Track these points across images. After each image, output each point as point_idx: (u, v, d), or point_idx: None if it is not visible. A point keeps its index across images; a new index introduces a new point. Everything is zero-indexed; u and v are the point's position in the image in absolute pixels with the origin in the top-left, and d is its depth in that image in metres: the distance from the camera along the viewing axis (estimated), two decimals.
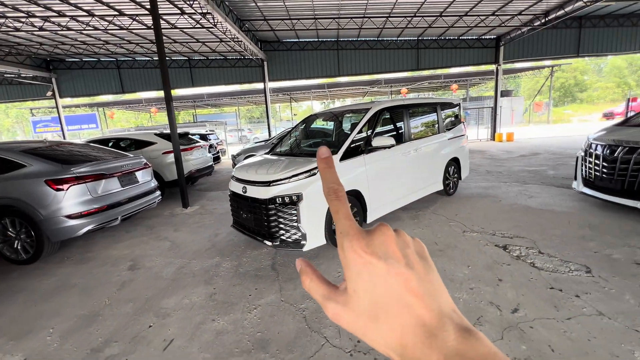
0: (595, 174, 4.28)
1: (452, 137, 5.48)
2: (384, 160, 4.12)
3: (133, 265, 3.70)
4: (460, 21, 11.71)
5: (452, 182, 5.54)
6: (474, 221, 4.27)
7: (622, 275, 2.71)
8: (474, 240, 3.65)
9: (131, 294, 3.05)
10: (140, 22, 9.27)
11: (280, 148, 4.80)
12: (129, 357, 2.20)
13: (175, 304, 2.81)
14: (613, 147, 4.05)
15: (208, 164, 8.15)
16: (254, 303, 2.74)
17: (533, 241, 3.51)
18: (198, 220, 5.33)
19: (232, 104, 31.53)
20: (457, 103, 5.87)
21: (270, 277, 3.19)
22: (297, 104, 41.61)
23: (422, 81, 23.49)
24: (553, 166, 7.62)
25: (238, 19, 10.77)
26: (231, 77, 14.93)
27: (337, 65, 14.40)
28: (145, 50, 13.00)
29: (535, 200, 4.99)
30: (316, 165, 3.33)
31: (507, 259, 3.15)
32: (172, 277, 3.32)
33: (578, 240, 3.46)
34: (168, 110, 5.78)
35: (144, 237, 4.64)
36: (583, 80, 43.63)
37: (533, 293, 2.56)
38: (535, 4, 10.38)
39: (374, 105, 4.28)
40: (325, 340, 2.22)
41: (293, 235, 3.33)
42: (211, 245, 4.12)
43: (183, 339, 2.34)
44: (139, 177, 4.89)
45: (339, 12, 10.93)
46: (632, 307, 2.30)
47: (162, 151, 6.80)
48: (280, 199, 3.29)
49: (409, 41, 14.13)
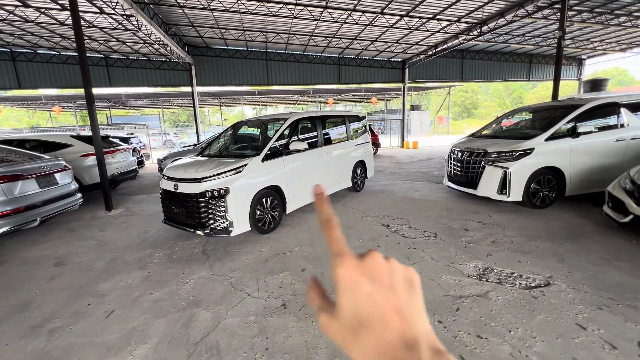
0: (453, 171, 5.88)
1: (359, 143, 6.70)
2: (300, 161, 4.99)
3: (59, 262, 3.81)
4: (372, 45, 13.64)
5: (359, 180, 6.74)
6: (371, 209, 5.44)
7: (454, 237, 4.03)
8: (368, 222, 4.75)
9: (63, 284, 3.26)
10: (50, 16, 8.57)
11: (210, 151, 5.32)
12: (72, 327, 2.55)
13: (111, 287, 3.16)
14: (463, 152, 5.66)
15: (132, 167, 8.00)
16: (187, 278, 3.27)
17: (408, 220, 4.77)
18: (125, 221, 5.44)
19: (155, 105, 29.48)
20: (363, 116, 7.15)
21: (201, 259, 3.73)
22: (227, 109, 40.73)
23: (346, 93, 25.72)
24: (439, 168, 9.61)
25: (164, 22, 10.69)
26: (155, 79, 14.37)
27: (267, 75, 15.11)
28: (53, 44, 11.75)
29: (418, 193, 6.48)
30: (243, 164, 4.04)
31: (387, 233, 4.29)
32: (104, 268, 3.60)
33: (436, 218, 4.83)
34: (90, 111, 5.74)
35: (65, 239, 4.63)
36: (476, 99, 52.72)
37: (397, 251, 3.67)
38: (427, 37, 12.83)
39: (291, 115, 5.14)
40: (246, 294, 2.92)
41: (222, 224, 3.93)
42: (142, 241, 4.42)
43: (123, 309, 2.77)
44: (58, 179, 4.84)
45: (267, 27, 11.72)
46: (452, 254, 3.55)
47: (80, 154, 6.56)
48: (209, 193, 3.87)
49: (332, 57, 15.69)
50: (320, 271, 3.27)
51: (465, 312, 2.47)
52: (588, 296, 2.59)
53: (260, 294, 2.90)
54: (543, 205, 4.93)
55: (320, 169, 5.48)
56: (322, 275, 3.18)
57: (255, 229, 4.23)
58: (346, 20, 10.71)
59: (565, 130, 4.93)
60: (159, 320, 2.57)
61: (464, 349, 2.09)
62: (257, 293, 2.92)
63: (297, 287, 2.99)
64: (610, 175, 4.75)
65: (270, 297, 2.84)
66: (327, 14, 10.25)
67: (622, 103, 5.05)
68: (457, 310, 2.49)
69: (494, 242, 3.80)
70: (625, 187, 3.68)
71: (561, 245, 3.58)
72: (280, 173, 4.61)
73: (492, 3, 9.93)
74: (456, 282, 2.93)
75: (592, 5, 10.37)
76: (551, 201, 4.95)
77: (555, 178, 4.89)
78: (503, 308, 2.49)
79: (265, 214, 4.38)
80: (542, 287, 2.76)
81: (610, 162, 4.93)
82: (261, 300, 2.81)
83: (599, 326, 2.22)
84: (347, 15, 10.36)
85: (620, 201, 3.65)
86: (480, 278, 2.98)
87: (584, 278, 2.87)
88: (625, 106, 5.05)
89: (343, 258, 0.29)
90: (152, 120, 32.72)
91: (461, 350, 2.08)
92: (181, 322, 2.53)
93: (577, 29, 12.78)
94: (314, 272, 3.26)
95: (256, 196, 4.21)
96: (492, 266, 3.19)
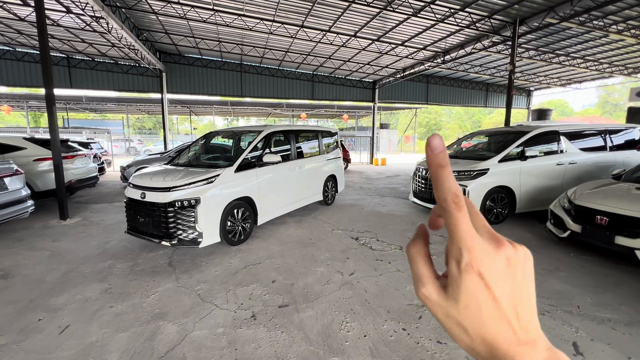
0: (418, 188, 6.23)
1: (331, 158, 6.90)
2: (273, 173, 5.05)
3: (5, 274, 3.49)
4: (345, 65, 14.24)
5: (330, 194, 6.90)
6: (341, 222, 5.58)
7: None
8: (337, 235, 4.88)
9: (9, 298, 3.00)
10: (9, 10, 8.03)
11: (180, 160, 5.21)
12: (20, 344, 2.36)
13: (66, 300, 2.96)
14: (426, 170, 6.03)
15: (91, 174, 7.54)
16: (152, 290, 3.16)
17: (376, 234, 4.96)
18: (82, 230, 5.11)
19: (119, 110, 28.07)
20: (335, 132, 7.40)
21: (167, 271, 3.61)
22: (197, 118, 39.70)
23: (320, 109, 26.29)
24: (405, 184, 10.08)
25: (136, 27, 10.42)
26: (122, 83, 13.80)
27: (240, 86, 15.12)
28: (8, 39, 10.93)
29: (385, 208, 6.75)
30: (215, 174, 4.01)
31: (356, 245, 4.44)
32: (58, 280, 3.36)
33: (402, 232, 5.08)
34: (49, 113, 5.40)
35: (12, 249, 4.25)
36: (440, 121, 56.22)
37: (365, 263, 3.81)
38: (396, 61, 13.68)
39: (265, 128, 5.22)
40: (215, 306, 2.88)
41: (191, 235, 3.85)
42: (101, 252, 4.18)
43: (80, 323, 2.61)
44: (7, 183, 4.47)
45: (243, 40, 11.84)
46: None
47: (34, 158, 6.10)
48: (179, 203, 3.79)
49: (306, 74, 16.10)
50: (290, 282, 3.31)
51: (427, 320, 2.64)
52: None
53: (230, 306, 2.88)
54: (497, 221, 5.37)
55: (293, 182, 5.56)
56: (292, 286, 3.22)
57: (225, 240, 4.18)
58: (321, 40, 11.15)
59: (516, 153, 5.48)
60: (121, 335, 2.45)
61: (426, 354, 2.23)
62: (227, 305, 2.89)
63: (267, 298, 3.00)
64: (553, 194, 5.34)
65: (239, 309, 2.82)
66: (303, 32, 10.62)
67: (562, 132, 5.74)
68: (420, 318, 2.65)
69: None
70: (564, 206, 4.16)
71: None
72: (253, 184, 4.63)
73: (453, 35, 10.88)
74: None
75: (537, 44, 11.73)
76: (504, 217, 5.41)
77: (507, 196, 5.38)
78: None
79: (236, 226, 4.35)
80: None
81: (553, 184, 5.54)
82: (230, 311, 2.78)
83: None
84: (322, 35, 10.80)
85: (560, 218, 4.11)
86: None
87: None
88: (564, 134, 5.73)
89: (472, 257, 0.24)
90: (115, 126, 31.00)
91: (423, 355, 2.22)
92: (145, 336, 2.44)
93: (526, 64, 14.31)
94: (285, 283, 3.30)
95: (227, 207, 4.19)
96: None
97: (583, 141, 5.92)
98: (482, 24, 9.56)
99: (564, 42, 11.38)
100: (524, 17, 9.08)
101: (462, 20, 9.37)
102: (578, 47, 11.88)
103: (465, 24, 9.51)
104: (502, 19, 9.27)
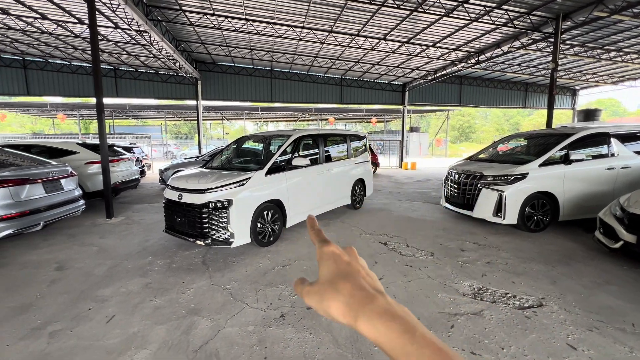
0: (450, 193, 6.02)
1: (359, 162, 6.86)
2: (302, 177, 5.12)
3: (60, 267, 3.84)
4: (373, 69, 14.14)
5: (358, 198, 6.85)
6: (370, 227, 5.52)
7: (450, 257, 4.11)
8: (365, 239, 4.83)
9: (64, 288, 3.30)
10: (66, 28, 8.93)
11: (213, 163, 5.45)
12: (72, 330, 2.58)
13: (112, 292, 3.20)
14: (460, 174, 5.81)
15: (134, 176, 8.10)
16: (187, 287, 3.32)
17: (405, 239, 4.85)
18: (125, 229, 5.49)
19: (158, 117, 29.91)
20: (364, 136, 7.36)
21: (201, 269, 3.78)
22: (229, 123, 41.28)
23: (348, 112, 26.27)
24: (436, 189, 9.76)
25: (174, 38, 11.11)
26: (162, 91, 14.74)
27: (270, 92, 15.53)
28: (65, 54, 12.13)
29: (416, 213, 6.58)
30: (247, 177, 4.16)
31: (384, 250, 4.37)
32: (105, 274, 3.63)
33: (433, 237, 4.92)
34: (99, 120, 5.91)
35: (65, 244, 4.67)
36: (474, 123, 53.86)
37: (394, 269, 3.74)
38: (427, 63, 13.35)
39: (295, 132, 5.32)
40: (246, 304, 2.96)
41: (223, 235, 4.00)
42: (142, 249, 4.46)
43: (124, 314, 2.81)
44: (63, 184, 4.93)
45: (273, 47, 12.19)
46: (448, 273, 3.63)
47: (85, 161, 6.68)
48: (213, 204, 3.97)
49: (334, 78, 16.19)
50: None
51: (459, 329, 2.53)
52: (579, 318, 2.66)
53: (260, 305, 2.95)
54: (537, 229, 5.04)
55: (321, 185, 5.60)
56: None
57: (255, 241, 4.30)
58: (350, 44, 11.18)
59: (559, 157, 5.12)
60: (159, 327, 2.60)
61: None
62: (256, 304, 2.97)
63: (295, 299, 3.04)
64: (602, 202, 4.91)
65: (269, 308, 2.88)
66: (332, 37, 10.72)
67: (613, 133, 5.28)
68: (452, 327, 2.55)
69: (489, 262, 3.88)
70: (616, 214, 3.81)
71: (554, 268, 3.66)
72: (282, 187, 4.73)
73: (489, 35, 10.44)
74: (451, 300, 2.99)
75: (584, 40, 10.91)
76: (545, 225, 5.07)
77: (549, 203, 5.04)
78: (497, 326, 2.55)
79: (265, 227, 4.46)
80: (534, 308, 2.83)
81: (602, 190, 5.10)
82: (260, 310, 2.85)
83: (589, 347, 2.29)
84: (351, 39, 10.83)
85: (611, 227, 3.77)
86: (475, 297, 3.04)
87: (575, 300, 2.95)
88: (615, 136, 5.27)
89: (328, 243, 0.40)
90: (154, 131, 33.09)
91: None
92: (181, 330, 2.57)
93: (570, 61, 13.36)
94: None
95: (258, 209, 4.31)
96: (486, 286, 3.26)
97: (639, 144, 5.40)
98: (520, 21, 9.08)
99: (615, 36, 10.49)
100: (568, 11, 8.50)
101: (498, 18, 8.96)
102: (632, 41, 10.89)
103: (502, 22, 9.09)
104: (543, 15, 8.75)
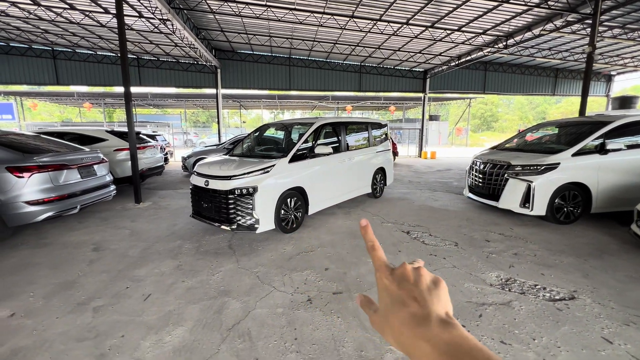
0: (474, 182, 5.87)
1: (380, 150, 6.79)
2: (324, 165, 5.13)
3: (97, 247, 4.07)
4: (394, 55, 13.76)
5: (379, 187, 6.81)
6: (391, 216, 5.50)
7: (475, 247, 4.06)
8: (387, 228, 4.83)
9: (102, 267, 3.50)
10: (93, 18, 9.16)
11: (237, 151, 5.54)
12: (114, 307, 2.75)
13: (146, 273, 3.37)
14: (485, 164, 5.65)
15: (159, 163, 8.36)
16: (216, 270, 3.44)
17: (428, 228, 4.81)
18: (153, 213, 5.72)
19: (177, 106, 30.50)
20: (385, 124, 7.25)
21: (228, 253, 3.90)
22: (246, 112, 41.55)
23: (365, 101, 25.86)
24: (458, 179, 9.55)
25: (195, 27, 11.17)
26: (183, 80, 14.97)
27: (289, 80, 15.46)
28: (91, 44, 12.47)
29: (437, 202, 6.49)
30: (271, 164, 4.21)
31: (407, 239, 4.35)
32: (138, 255, 3.82)
33: (456, 227, 4.85)
34: (127, 109, 6.09)
35: (100, 227, 4.92)
36: (496, 112, 51.80)
37: (418, 257, 3.73)
38: (450, 49, 12.84)
39: (317, 120, 5.30)
40: (273, 288, 3.05)
41: (248, 221, 4.10)
42: (171, 233, 4.65)
43: (159, 294, 2.96)
44: (96, 170, 5.16)
45: (292, 34, 12.05)
46: (473, 263, 3.58)
47: (114, 148, 6.94)
48: (238, 190, 4.06)
49: (353, 65, 15.89)
50: (343, 271, 3.37)
51: (488, 318, 2.52)
52: (614, 312, 2.58)
53: (287, 289, 3.03)
54: (567, 221, 4.87)
55: (342, 174, 5.59)
56: (345, 275, 3.28)
57: (279, 227, 4.38)
58: (371, 29, 10.89)
59: (593, 146, 4.88)
60: (193, 306, 2.73)
61: None
62: (284, 287, 3.05)
63: (321, 284, 3.10)
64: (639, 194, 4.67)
65: (296, 292, 2.96)
66: (352, 23, 10.47)
67: None
68: (480, 317, 2.54)
69: (516, 254, 3.80)
70: None
71: (586, 262, 3.55)
72: (305, 175, 4.76)
73: (519, 17, 9.89)
74: (478, 290, 2.97)
75: (624, 21, 10.17)
76: (576, 217, 4.89)
77: (580, 194, 4.84)
78: (527, 317, 2.52)
79: (289, 214, 4.53)
80: (566, 300, 2.77)
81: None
82: (287, 294, 2.93)
83: (625, 341, 2.23)
84: (372, 24, 10.55)
85: None
86: (502, 288, 3.01)
87: (609, 294, 2.86)
88: None
89: (380, 271, 0.40)
90: (174, 120, 33.86)
91: None
92: (213, 309, 2.68)
93: (608, 44, 12.51)
94: (337, 272, 3.37)
95: (282, 196, 4.37)
96: (514, 277, 3.21)
97: None
98: (555, 2, 8.54)
99: None
100: None
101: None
102: None
103: (535, 3, 8.57)
104: None
